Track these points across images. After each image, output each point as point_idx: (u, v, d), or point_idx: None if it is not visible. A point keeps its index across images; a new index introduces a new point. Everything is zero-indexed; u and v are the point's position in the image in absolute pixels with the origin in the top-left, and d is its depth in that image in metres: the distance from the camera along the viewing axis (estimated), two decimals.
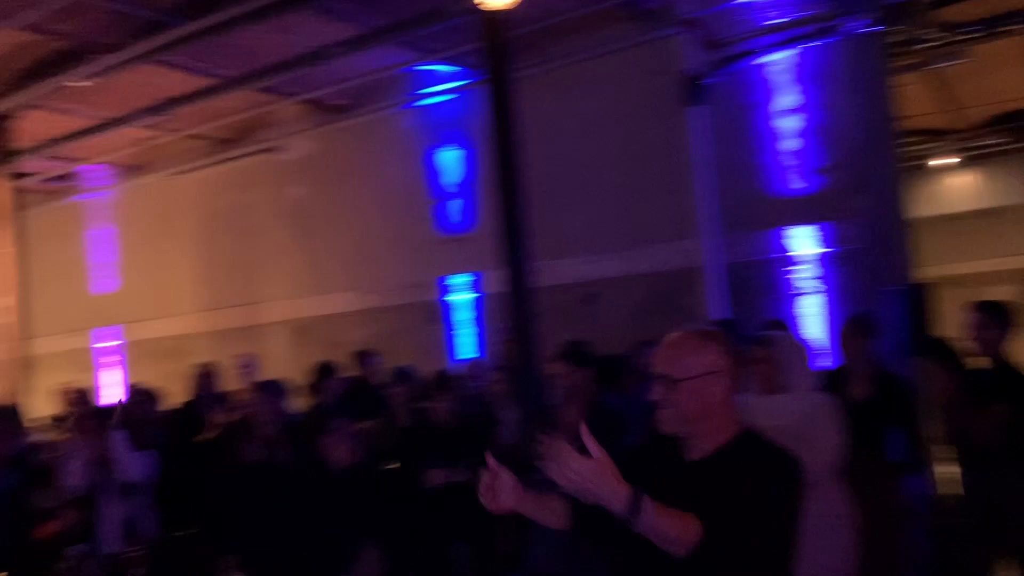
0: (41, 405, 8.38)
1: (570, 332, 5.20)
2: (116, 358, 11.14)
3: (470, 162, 8.29)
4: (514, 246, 4.73)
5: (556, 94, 7.40)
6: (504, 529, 4.92)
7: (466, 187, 8.32)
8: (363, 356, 7.11)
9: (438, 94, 8.35)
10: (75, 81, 6.75)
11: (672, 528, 1.74)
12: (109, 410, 5.00)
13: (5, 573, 5.41)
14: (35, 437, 6.11)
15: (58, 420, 6.96)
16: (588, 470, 1.71)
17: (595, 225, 7.50)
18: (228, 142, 9.72)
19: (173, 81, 7.51)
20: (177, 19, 6.14)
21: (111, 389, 10.58)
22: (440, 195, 8.50)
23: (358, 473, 4.61)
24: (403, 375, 5.73)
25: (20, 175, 8.74)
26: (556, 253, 6.95)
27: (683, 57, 6.90)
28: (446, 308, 8.48)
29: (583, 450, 1.75)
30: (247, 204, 9.90)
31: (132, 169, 10.68)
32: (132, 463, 4.85)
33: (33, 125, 8.12)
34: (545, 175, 6.29)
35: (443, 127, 8.46)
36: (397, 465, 4.96)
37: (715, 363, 1.94)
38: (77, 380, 9.90)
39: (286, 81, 7.67)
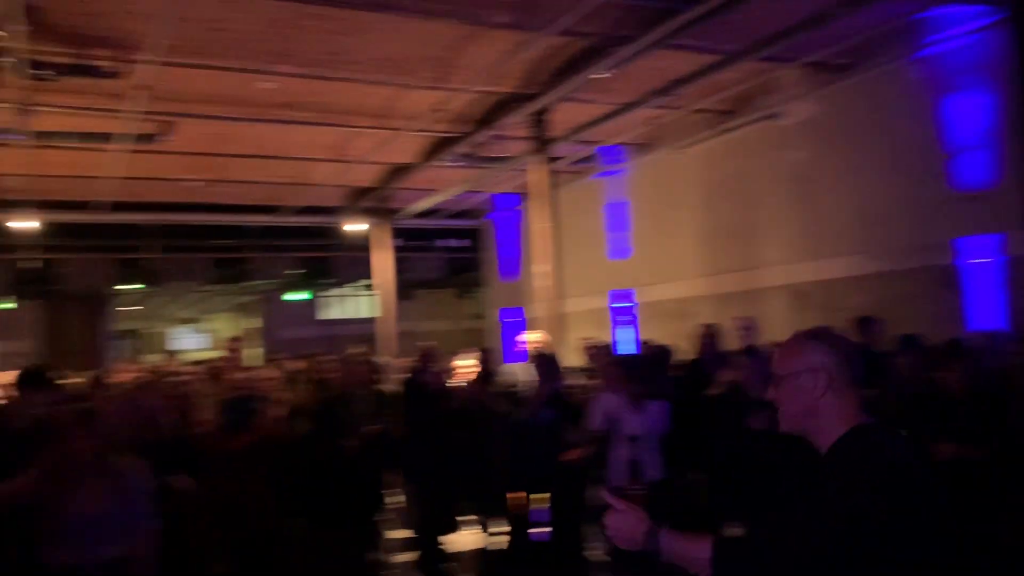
0: (571, 356, 9.73)
1: None
2: (629, 317, 12.36)
3: (990, 111, 7.45)
4: None
5: None
6: None
7: (986, 139, 7.51)
8: (865, 322, 6.91)
9: (952, 39, 7.65)
10: (598, 73, 7.63)
11: (687, 552, 1.87)
12: (631, 362, 5.60)
13: (523, 494, 6.50)
14: (569, 381, 7.21)
15: (584, 369, 8.03)
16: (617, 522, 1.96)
17: None
18: (728, 113, 10.09)
19: (680, 62, 8.05)
20: (684, 4, 6.58)
21: (626, 345, 11.80)
22: (954, 149, 7.80)
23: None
24: (910, 342, 5.50)
25: (554, 159, 10.16)
26: None
27: None
28: (961, 273, 7.79)
29: None
30: (747, 172, 10.19)
31: (642, 147, 11.68)
32: (637, 416, 5.39)
33: (563, 115, 9.38)
34: None
35: (957, 74, 7.72)
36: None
37: (814, 361, 1.91)
38: (597, 335, 11.27)
39: (786, 47, 7.70)
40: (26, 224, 12.24)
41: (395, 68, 8.12)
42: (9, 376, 8.83)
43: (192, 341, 32.60)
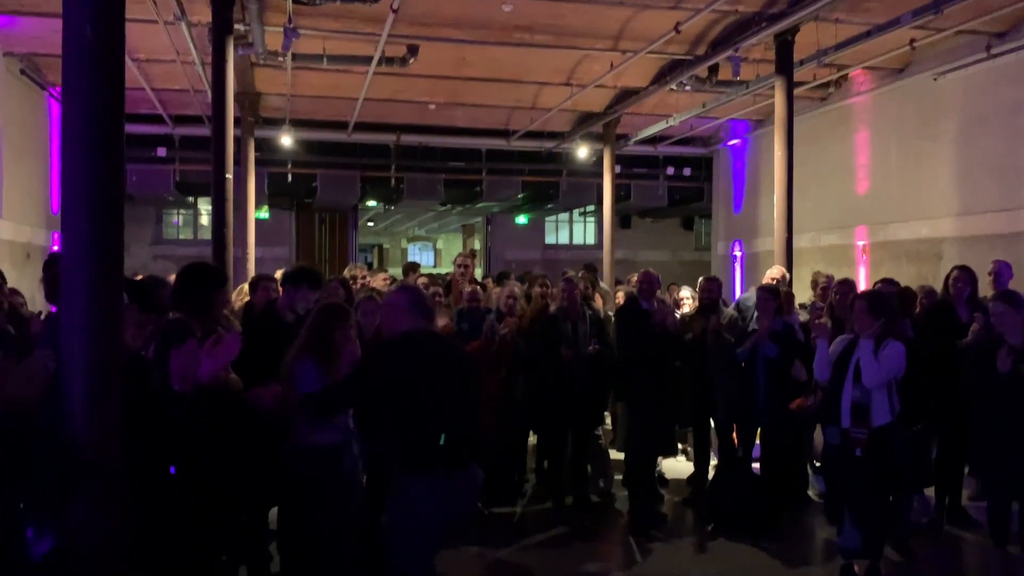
0: (801, 292, 9.36)
1: None
2: (864, 256, 11.64)
3: None
4: None
5: None
6: None
7: None
8: None
9: None
10: None
11: None
12: (869, 300, 5.32)
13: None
14: (797, 318, 6.96)
15: (814, 306, 7.69)
16: None
17: None
18: (1000, 36, 9.04)
19: None
20: None
21: (860, 285, 11.15)
22: None
23: None
24: None
25: (796, 84, 9.62)
26: None
27: None
28: None
29: None
30: (1018, 102, 9.13)
31: (893, 72, 10.77)
32: (869, 358, 5.11)
33: (809, 37, 8.81)
34: None
35: None
36: None
37: None
38: (829, 273, 10.73)
39: None
40: (284, 140, 13.43)
41: None
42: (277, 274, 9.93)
43: (425, 257, 34.66)
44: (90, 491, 2.57)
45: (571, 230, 21.74)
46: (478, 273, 20.67)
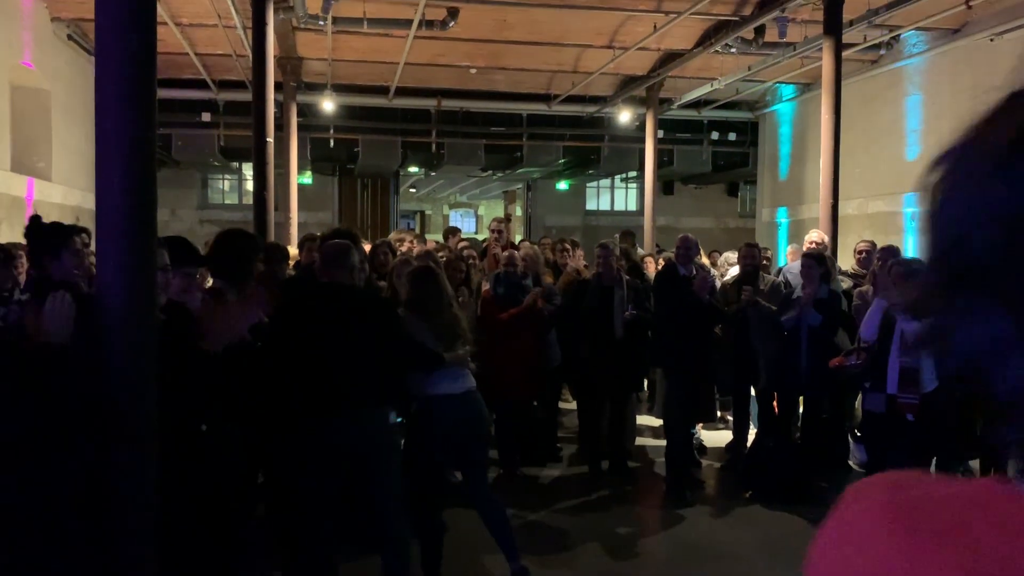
0: (847, 260, 9.18)
1: None
2: (911, 226, 11.36)
3: None
4: None
5: None
6: None
7: None
8: None
9: None
10: None
11: None
12: (916, 265, 5.20)
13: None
14: (842, 285, 6.84)
15: (858, 274, 7.55)
16: None
17: None
18: None
19: None
20: None
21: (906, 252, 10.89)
22: None
23: None
24: None
25: (846, 46, 9.36)
26: None
27: None
28: None
29: None
30: None
31: (948, 33, 10.41)
32: (916, 323, 5.02)
33: None
34: None
35: None
36: None
37: None
38: (877, 241, 10.50)
39: None
40: (326, 105, 13.47)
41: None
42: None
43: (467, 224, 34.67)
44: (129, 440, 2.63)
45: (612, 196, 21.55)
46: (518, 238, 20.70)
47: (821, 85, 8.91)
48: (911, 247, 11.12)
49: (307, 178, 16.20)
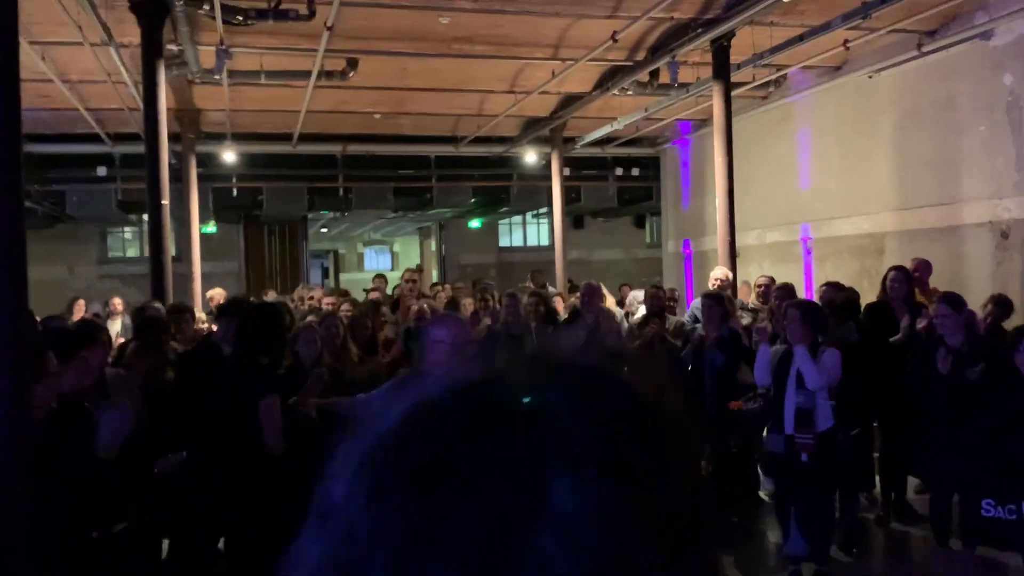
0: (746, 293, 9.46)
1: None
2: (808, 253, 11.82)
3: None
4: None
5: None
6: None
7: None
8: None
9: None
10: None
11: None
12: (808, 309, 5.40)
13: None
14: (742, 322, 7.05)
15: (757, 310, 7.79)
16: None
17: None
18: (930, 33, 9.23)
19: None
20: None
21: (802, 283, 11.31)
22: None
23: None
24: None
25: (735, 85, 9.72)
26: None
27: None
28: None
29: None
30: (950, 98, 9.33)
31: (830, 71, 10.94)
32: (810, 364, 5.20)
33: (745, 40, 8.91)
34: None
35: None
36: None
37: None
38: (776, 270, 10.86)
39: None
40: (227, 155, 13.25)
41: None
42: (218, 294, 9.78)
43: (382, 261, 34.41)
44: None
45: (525, 232, 21.75)
46: (433, 277, 20.65)
47: None
48: (808, 274, 11.59)
49: (211, 227, 15.86)
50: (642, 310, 8.17)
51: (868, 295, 7.49)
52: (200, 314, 7.64)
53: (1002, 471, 4.37)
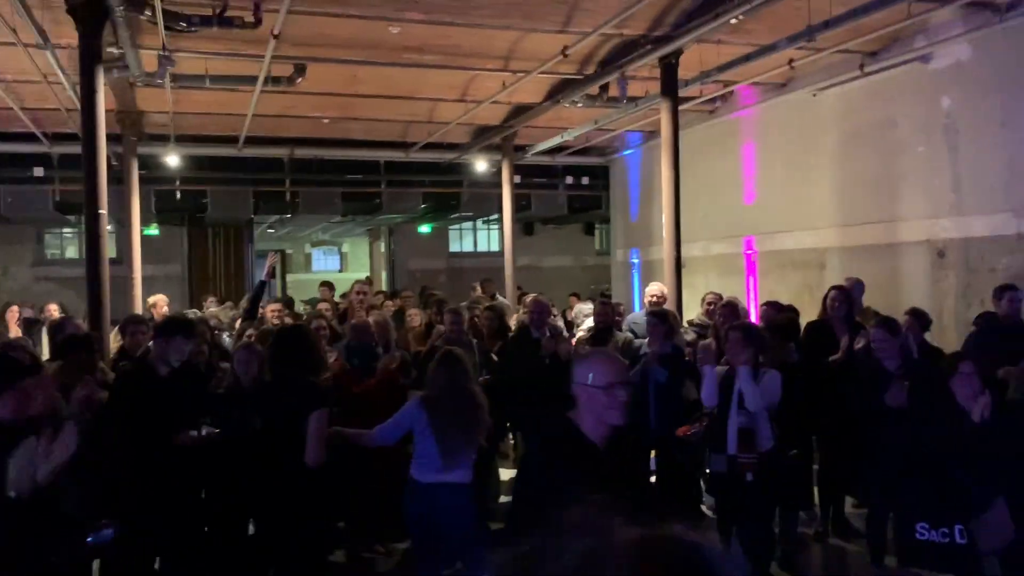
0: (692, 306, 9.57)
1: None
2: (752, 266, 12.00)
3: None
4: None
5: None
6: None
7: None
8: (1001, 291, 6.53)
9: None
10: (736, 15, 7.22)
11: None
12: (751, 331, 5.47)
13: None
14: (686, 338, 7.11)
15: (703, 326, 7.88)
16: None
17: None
18: (872, 55, 9.43)
19: (823, 2, 7.50)
20: None
21: (747, 298, 11.49)
22: None
23: (993, 424, 4.40)
24: None
25: (683, 99, 9.82)
26: None
27: None
28: None
29: None
30: (890, 118, 9.55)
31: (776, 88, 11.12)
32: (752, 385, 5.27)
33: (693, 57, 9.00)
34: None
35: None
36: None
37: None
38: (722, 282, 11.01)
39: None
40: (170, 157, 12.96)
41: (521, 12, 8.00)
42: (160, 300, 9.54)
43: (330, 262, 33.99)
44: None
45: (475, 237, 21.72)
46: (383, 280, 20.47)
47: None
48: (751, 286, 11.76)
49: (153, 230, 15.50)
50: (589, 322, 8.21)
51: (809, 308, 7.64)
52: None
53: (936, 495, 4.46)
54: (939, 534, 4.40)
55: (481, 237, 21.75)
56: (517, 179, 14.32)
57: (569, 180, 16.62)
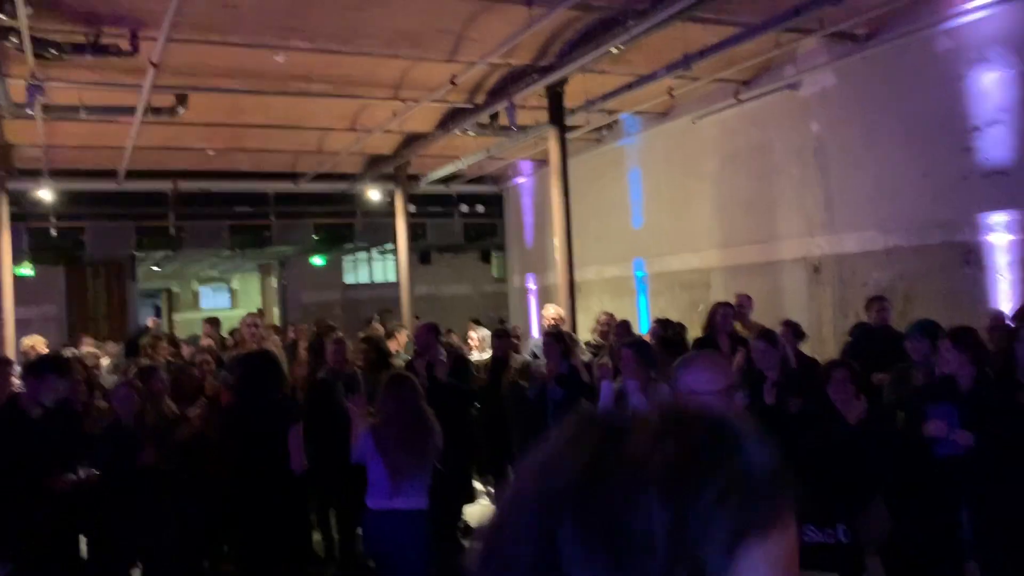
0: (586, 327, 9.75)
1: None
2: (642, 288, 12.33)
3: (1014, 85, 7.27)
4: None
5: None
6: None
7: (1008, 113, 7.33)
8: (872, 302, 6.94)
9: (976, 9, 7.44)
10: (614, 46, 7.48)
11: None
12: (643, 348, 5.61)
13: None
14: (582, 358, 7.23)
15: (597, 345, 8.06)
16: None
17: None
18: (746, 83, 9.92)
19: (698, 33, 7.88)
20: None
21: (638, 318, 11.79)
22: (975, 124, 7.62)
23: (868, 425, 4.63)
24: (925, 330, 5.48)
25: (571, 128, 10.07)
26: None
27: None
28: (980, 250, 7.65)
29: None
30: (764, 143, 10.04)
31: (659, 116, 11.53)
32: (647, 400, 5.44)
33: (579, 86, 9.26)
34: None
35: (980, 47, 7.52)
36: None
37: None
38: (615, 304, 11.25)
39: (808, 18, 7.48)
40: (43, 193, 12.37)
41: (408, 41, 8.06)
42: (37, 342, 9.04)
43: (219, 299, 32.94)
44: None
45: (371, 268, 21.47)
46: (275, 315, 19.97)
47: None
48: (642, 307, 12.08)
49: (27, 269, 14.70)
50: (487, 348, 8.28)
51: (696, 325, 7.91)
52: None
53: (820, 497, 4.66)
54: (824, 535, 4.60)
55: (377, 268, 21.52)
56: (412, 208, 14.30)
57: (464, 208, 16.71)
